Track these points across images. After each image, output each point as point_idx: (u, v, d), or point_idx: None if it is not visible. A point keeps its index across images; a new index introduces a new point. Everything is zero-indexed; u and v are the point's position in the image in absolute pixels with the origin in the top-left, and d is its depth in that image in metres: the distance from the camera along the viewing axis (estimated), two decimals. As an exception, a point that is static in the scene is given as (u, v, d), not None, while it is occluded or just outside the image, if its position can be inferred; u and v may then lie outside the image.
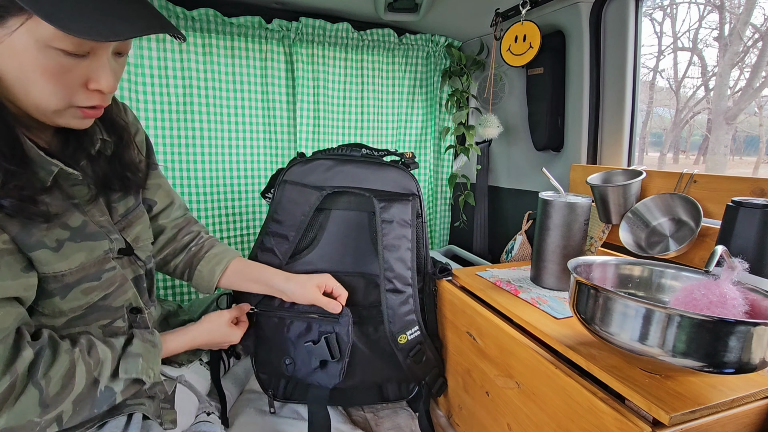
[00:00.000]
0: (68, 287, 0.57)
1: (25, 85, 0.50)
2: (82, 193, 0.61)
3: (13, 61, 0.48)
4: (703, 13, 3.80)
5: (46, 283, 0.56)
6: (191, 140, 1.27)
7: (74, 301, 0.59)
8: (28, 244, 0.53)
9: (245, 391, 1.03)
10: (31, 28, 0.46)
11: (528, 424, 0.71)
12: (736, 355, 0.47)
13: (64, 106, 0.53)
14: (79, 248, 0.58)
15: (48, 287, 0.56)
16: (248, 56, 1.28)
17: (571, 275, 0.62)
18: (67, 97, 0.52)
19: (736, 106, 3.11)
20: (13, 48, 0.47)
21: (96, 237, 0.61)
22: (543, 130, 1.22)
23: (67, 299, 0.58)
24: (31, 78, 0.49)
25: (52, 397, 0.53)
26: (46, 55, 0.48)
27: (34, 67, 0.48)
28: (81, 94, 0.53)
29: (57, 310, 0.58)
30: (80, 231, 0.59)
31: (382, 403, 1.05)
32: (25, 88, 0.50)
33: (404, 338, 0.91)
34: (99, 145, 0.65)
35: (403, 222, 0.92)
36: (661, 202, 0.90)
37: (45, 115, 0.53)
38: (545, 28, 1.13)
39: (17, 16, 0.46)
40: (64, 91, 0.51)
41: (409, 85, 1.55)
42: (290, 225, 0.93)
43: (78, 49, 0.49)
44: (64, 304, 0.58)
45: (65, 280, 0.57)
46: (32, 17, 0.46)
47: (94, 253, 0.60)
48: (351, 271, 0.96)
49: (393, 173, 0.96)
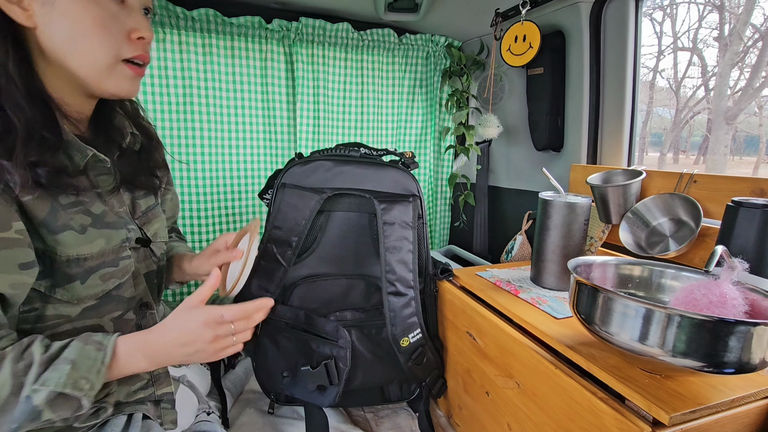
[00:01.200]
0: (89, 272, 0.58)
1: (77, 44, 0.53)
2: (107, 182, 0.63)
3: (65, 20, 0.52)
4: (703, 13, 3.80)
5: (69, 267, 0.56)
6: (191, 140, 1.27)
7: (93, 288, 0.59)
8: (55, 227, 0.54)
9: (245, 391, 1.04)
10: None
11: (528, 424, 0.71)
12: (736, 355, 0.47)
13: (114, 60, 0.56)
14: (99, 234, 0.59)
15: (70, 271, 0.56)
16: (248, 56, 1.28)
17: (571, 275, 0.62)
18: (115, 48, 0.56)
19: (736, 106, 3.11)
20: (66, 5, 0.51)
21: (115, 226, 0.62)
22: (543, 130, 1.22)
23: (87, 285, 0.58)
24: (81, 33, 0.53)
25: None
26: (95, 3, 0.53)
27: (84, 19, 0.53)
28: (126, 45, 0.57)
29: (76, 296, 0.58)
30: (101, 219, 0.60)
31: (384, 404, 1.05)
32: (76, 47, 0.53)
33: (407, 341, 0.91)
34: (129, 139, 0.68)
35: (404, 224, 0.92)
36: (661, 202, 0.90)
37: (97, 76, 0.56)
38: (545, 28, 1.13)
39: None
40: (112, 41, 0.55)
41: (409, 85, 1.55)
42: (291, 230, 0.91)
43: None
44: (83, 290, 0.58)
45: (87, 264, 0.58)
46: None
47: (112, 241, 0.61)
48: (352, 274, 0.95)
49: (393, 174, 0.95)
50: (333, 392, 0.90)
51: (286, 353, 0.93)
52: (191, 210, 1.30)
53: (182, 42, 1.19)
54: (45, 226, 0.53)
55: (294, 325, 0.93)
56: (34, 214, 0.52)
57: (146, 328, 0.68)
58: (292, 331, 0.92)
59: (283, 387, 0.93)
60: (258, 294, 0.93)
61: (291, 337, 0.92)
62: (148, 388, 0.69)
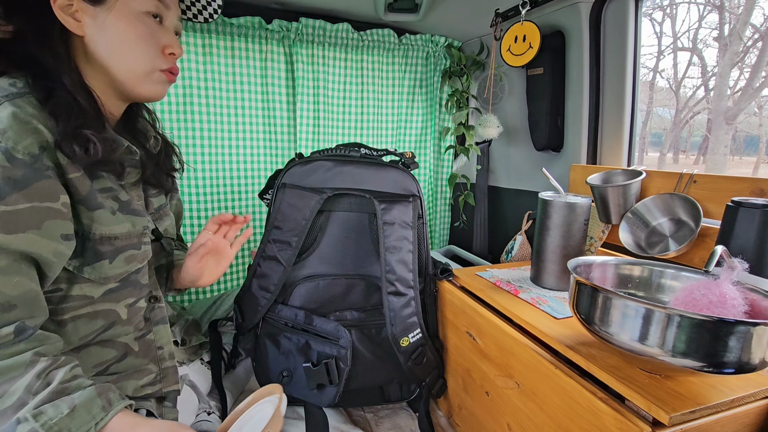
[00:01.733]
0: (117, 251, 0.62)
1: (122, 54, 0.61)
2: (132, 175, 0.69)
3: (112, 34, 0.60)
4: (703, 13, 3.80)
5: (101, 244, 0.60)
6: (191, 140, 1.27)
7: (118, 268, 0.63)
8: (94, 204, 0.59)
9: (245, 391, 1.03)
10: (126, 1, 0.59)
11: (528, 424, 0.71)
12: (736, 355, 0.47)
13: (152, 68, 0.64)
14: (126, 218, 0.64)
15: (102, 248, 0.61)
16: (248, 56, 1.28)
17: (571, 275, 0.62)
18: (153, 59, 0.64)
19: (736, 106, 3.11)
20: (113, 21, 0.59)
21: (138, 213, 0.67)
22: (543, 130, 1.22)
23: (114, 264, 0.62)
24: (127, 45, 0.61)
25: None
26: (140, 21, 0.61)
27: (130, 34, 0.61)
28: (160, 58, 0.65)
29: (103, 275, 0.61)
30: (127, 205, 0.65)
31: (383, 403, 1.04)
32: (120, 57, 0.62)
33: (406, 341, 0.91)
34: (152, 141, 0.75)
35: (404, 224, 0.92)
36: (661, 202, 0.90)
37: (136, 80, 0.64)
38: (545, 29, 1.13)
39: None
40: (150, 52, 0.63)
41: (409, 86, 1.55)
42: (292, 230, 0.91)
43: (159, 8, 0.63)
44: (110, 270, 0.62)
45: (116, 244, 0.62)
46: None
47: (137, 225, 0.66)
48: (352, 274, 0.95)
49: (393, 174, 0.95)
50: (333, 392, 0.90)
51: (286, 353, 0.93)
52: (191, 210, 1.30)
53: (182, 42, 1.20)
54: (84, 203, 0.58)
55: (294, 325, 0.93)
56: (78, 190, 0.57)
57: (154, 320, 0.72)
58: (292, 330, 0.93)
59: (282, 385, 0.93)
60: (258, 294, 0.93)
61: (291, 337, 0.92)
62: (155, 384, 0.70)
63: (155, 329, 0.72)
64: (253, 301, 0.93)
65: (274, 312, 0.94)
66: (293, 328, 0.93)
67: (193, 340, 0.90)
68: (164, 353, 0.73)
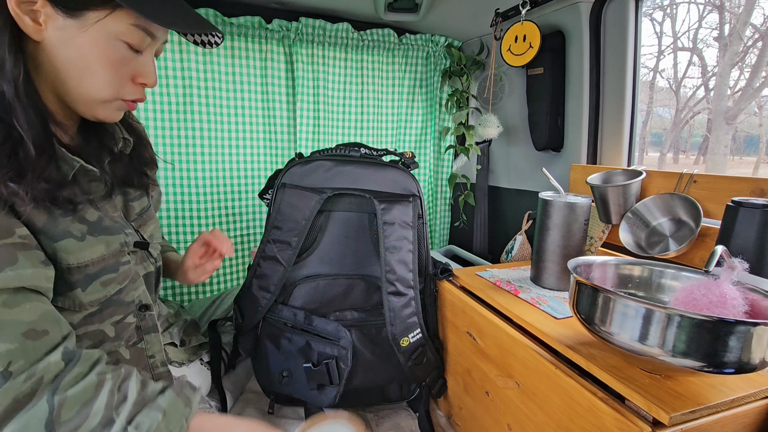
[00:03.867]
0: (90, 278, 0.58)
1: (82, 75, 0.53)
2: (98, 189, 0.63)
3: (79, 52, 0.52)
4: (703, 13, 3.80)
5: (70, 274, 0.56)
6: (191, 140, 1.27)
7: (94, 294, 0.59)
8: (55, 234, 0.54)
9: (245, 391, 1.04)
10: (107, 24, 0.51)
11: (528, 424, 0.71)
12: (736, 355, 0.47)
13: (113, 98, 0.57)
14: (98, 241, 0.59)
15: (71, 279, 0.56)
16: (248, 56, 1.28)
17: (571, 275, 0.62)
18: (117, 88, 0.56)
19: (736, 106, 3.11)
20: (84, 41, 0.51)
21: (112, 231, 0.62)
22: (543, 130, 1.22)
23: (88, 291, 0.58)
24: (92, 68, 0.53)
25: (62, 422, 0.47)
26: (114, 48, 0.53)
27: (99, 58, 0.53)
28: (128, 87, 0.57)
29: (77, 303, 0.58)
30: (97, 225, 0.60)
31: (384, 403, 1.04)
32: (81, 78, 0.53)
33: (406, 341, 0.91)
34: (121, 144, 0.68)
35: (404, 224, 0.92)
36: (661, 202, 0.90)
37: (90, 105, 0.56)
38: (545, 28, 1.13)
39: (97, 11, 0.50)
40: (118, 82, 0.56)
41: (409, 85, 1.55)
42: (292, 230, 0.91)
43: (141, 44, 0.55)
44: (84, 297, 0.58)
45: (87, 271, 0.58)
46: (113, 13, 0.51)
47: (111, 246, 0.61)
48: (352, 274, 0.95)
49: (393, 174, 0.95)
50: (333, 392, 0.90)
51: (286, 353, 0.93)
52: (191, 210, 1.30)
53: (182, 42, 1.20)
54: (44, 233, 0.53)
55: (294, 325, 0.93)
56: (32, 222, 0.52)
57: (145, 329, 0.70)
58: (292, 331, 0.92)
59: (282, 387, 0.93)
60: (258, 294, 0.93)
61: (291, 337, 0.92)
62: None
63: (146, 338, 0.70)
64: (253, 302, 0.93)
65: (274, 312, 0.94)
66: (293, 328, 0.93)
67: (193, 341, 0.90)
68: (156, 361, 0.72)
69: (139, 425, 0.50)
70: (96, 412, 0.49)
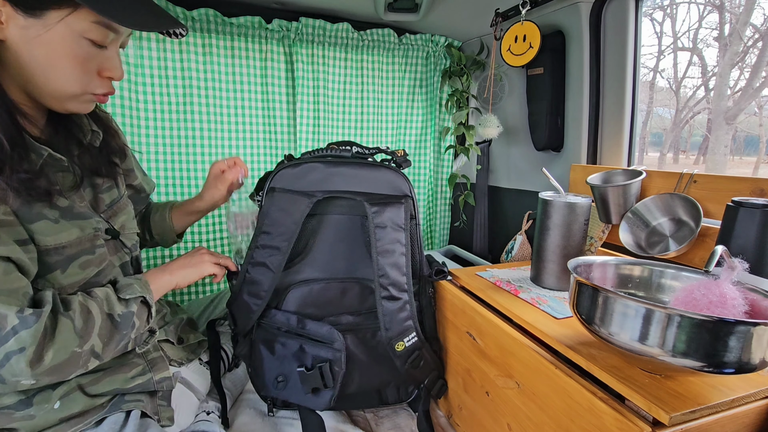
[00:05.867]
0: (69, 260, 0.60)
1: (48, 72, 0.54)
2: (67, 180, 0.63)
3: (44, 50, 0.53)
4: (703, 13, 3.80)
5: (49, 256, 0.58)
6: (191, 140, 1.27)
7: (73, 276, 0.61)
8: (29, 216, 0.56)
9: (245, 392, 1.03)
10: (69, 22, 0.52)
11: (528, 424, 0.71)
12: (736, 355, 0.47)
13: (81, 92, 0.58)
14: (72, 225, 0.61)
15: (50, 260, 0.58)
16: (248, 56, 1.28)
17: (571, 275, 0.62)
18: (85, 83, 0.58)
19: (736, 106, 3.11)
20: (48, 39, 0.52)
21: (84, 216, 0.64)
22: (543, 130, 1.22)
23: (67, 273, 0.60)
24: (58, 65, 0.54)
25: (81, 329, 0.56)
26: (78, 45, 0.54)
27: (64, 56, 0.54)
28: (95, 81, 0.59)
29: (57, 285, 0.59)
30: (69, 210, 0.62)
31: (381, 406, 1.04)
32: (48, 75, 0.55)
33: (402, 345, 0.89)
34: (90, 136, 0.69)
35: (396, 226, 0.90)
36: (661, 202, 0.90)
37: (59, 99, 0.58)
38: (545, 28, 1.13)
39: (59, 9, 0.51)
40: (85, 77, 0.57)
41: (409, 85, 1.55)
42: (281, 235, 0.88)
43: (103, 40, 0.56)
44: (64, 279, 0.60)
45: (66, 252, 0.60)
46: (74, 12, 0.52)
47: (86, 230, 0.63)
48: (345, 277, 0.93)
49: (385, 174, 0.93)
50: (327, 395, 0.89)
51: (281, 358, 0.92)
52: (191, 210, 1.30)
53: (182, 42, 1.20)
54: (19, 216, 0.55)
55: (288, 330, 0.92)
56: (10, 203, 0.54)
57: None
58: (286, 335, 0.92)
59: (278, 392, 0.93)
60: (249, 301, 0.91)
61: (285, 341, 0.91)
62: (145, 374, 0.70)
63: None
64: (244, 308, 0.91)
65: (267, 317, 0.92)
66: (287, 333, 0.91)
67: (191, 338, 0.89)
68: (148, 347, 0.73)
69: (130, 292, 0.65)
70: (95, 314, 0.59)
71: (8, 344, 0.50)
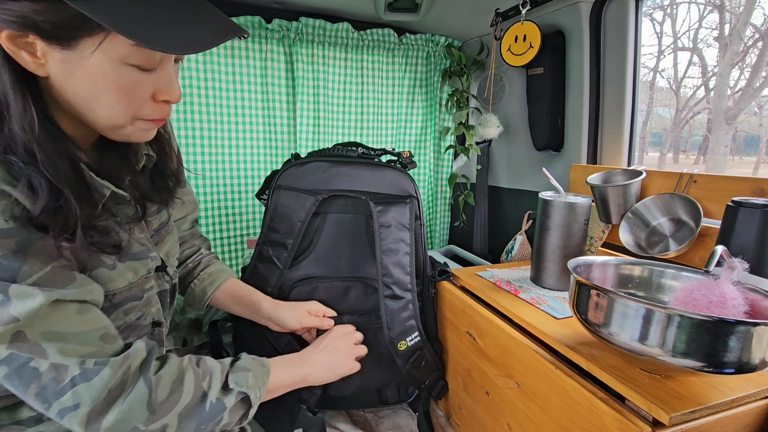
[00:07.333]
0: (114, 307, 0.55)
1: (94, 106, 0.49)
2: (126, 211, 0.59)
3: (86, 83, 0.47)
4: (703, 13, 3.79)
5: None
6: (191, 140, 1.27)
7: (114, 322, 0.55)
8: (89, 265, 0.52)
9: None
10: (106, 49, 0.45)
11: (528, 424, 0.71)
12: (736, 355, 0.47)
13: (131, 120, 0.51)
14: (127, 268, 0.56)
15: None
16: (248, 56, 1.28)
17: (571, 275, 0.62)
18: (134, 112, 0.51)
19: (736, 106, 3.11)
20: (88, 70, 0.46)
21: (139, 257, 0.59)
22: (543, 130, 1.22)
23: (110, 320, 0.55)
24: (102, 98, 0.48)
25: (160, 403, 0.50)
26: (120, 73, 0.47)
27: (108, 87, 0.47)
28: (148, 107, 0.52)
29: None
30: (126, 252, 0.56)
31: (381, 406, 1.04)
32: (94, 109, 0.49)
33: (404, 345, 0.90)
34: (144, 161, 0.63)
35: (400, 226, 0.90)
36: (661, 202, 0.90)
37: (112, 128, 0.52)
38: (545, 28, 1.13)
39: (91, 36, 0.44)
40: (133, 105, 0.50)
41: (409, 85, 1.55)
42: (287, 232, 0.90)
43: (150, 63, 0.48)
44: None
45: (114, 300, 0.55)
46: (108, 37, 0.45)
47: (139, 272, 0.58)
48: (348, 276, 0.94)
49: (390, 174, 0.94)
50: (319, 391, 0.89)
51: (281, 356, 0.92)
52: (191, 210, 1.30)
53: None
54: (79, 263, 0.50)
55: None
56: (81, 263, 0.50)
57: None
58: (288, 333, 0.92)
59: None
60: None
61: (288, 340, 0.92)
62: None
63: None
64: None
65: None
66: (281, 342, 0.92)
67: (195, 341, 0.90)
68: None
69: (238, 381, 0.57)
70: (188, 388, 0.53)
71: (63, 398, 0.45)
